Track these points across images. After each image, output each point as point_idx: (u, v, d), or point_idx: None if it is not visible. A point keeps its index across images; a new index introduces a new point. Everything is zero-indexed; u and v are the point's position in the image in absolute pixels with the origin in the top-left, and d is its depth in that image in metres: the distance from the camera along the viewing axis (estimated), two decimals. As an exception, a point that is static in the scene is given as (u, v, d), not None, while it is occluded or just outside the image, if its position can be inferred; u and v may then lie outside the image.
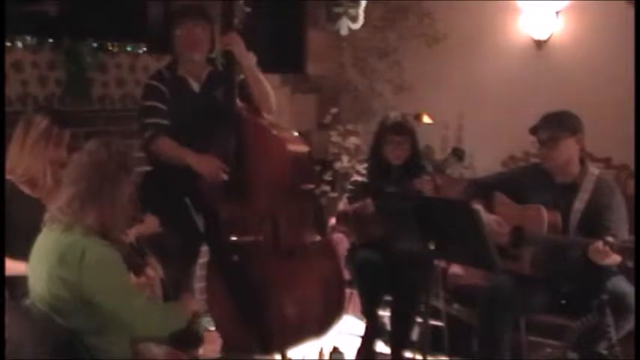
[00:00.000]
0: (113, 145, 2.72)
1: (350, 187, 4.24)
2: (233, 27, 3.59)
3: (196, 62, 3.72)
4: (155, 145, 3.60)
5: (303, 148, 3.71)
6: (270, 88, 3.74)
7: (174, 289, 3.65)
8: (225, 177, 3.52)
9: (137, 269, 2.94)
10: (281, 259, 3.56)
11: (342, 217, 4.18)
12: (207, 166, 3.53)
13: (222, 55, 3.67)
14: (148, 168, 3.76)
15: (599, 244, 3.16)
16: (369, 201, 3.92)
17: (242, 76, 3.67)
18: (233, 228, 3.57)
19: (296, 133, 3.84)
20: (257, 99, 3.68)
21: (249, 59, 3.64)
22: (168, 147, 3.58)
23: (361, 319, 4.18)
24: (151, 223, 3.26)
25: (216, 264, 3.72)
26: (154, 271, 3.05)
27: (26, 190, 3.14)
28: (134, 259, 2.93)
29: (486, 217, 3.47)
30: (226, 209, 3.58)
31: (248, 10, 3.64)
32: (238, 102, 3.64)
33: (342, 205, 4.19)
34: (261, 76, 3.70)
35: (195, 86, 3.72)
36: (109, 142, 2.76)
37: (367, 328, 4.05)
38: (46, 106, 3.71)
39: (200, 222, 3.46)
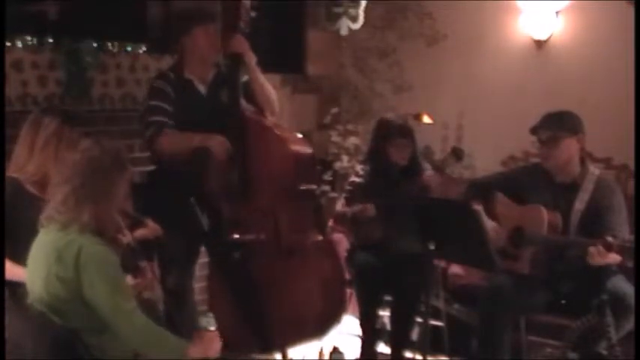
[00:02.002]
0: (106, 143, 2.73)
1: (347, 187, 4.24)
2: (238, 29, 3.59)
3: (208, 64, 3.71)
4: (158, 142, 3.57)
5: (305, 149, 3.71)
6: (272, 90, 3.75)
7: (175, 290, 3.67)
8: (229, 153, 3.50)
9: (135, 270, 2.93)
10: (282, 258, 3.56)
11: (340, 218, 4.18)
12: (215, 141, 3.51)
13: (226, 57, 3.67)
14: (151, 167, 3.77)
15: (596, 248, 3.15)
16: (369, 205, 3.92)
17: (245, 78, 3.66)
18: (235, 226, 3.57)
19: (300, 135, 3.85)
20: (260, 100, 3.69)
21: (252, 61, 3.64)
22: (171, 141, 3.55)
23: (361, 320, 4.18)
24: (154, 228, 3.25)
25: (217, 263, 3.72)
26: (152, 272, 3.05)
27: (35, 190, 3.07)
28: (131, 260, 2.92)
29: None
30: (229, 208, 3.58)
31: (253, 14, 3.64)
32: (243, 102, 3.64)
33: (340, 205, 4.18)
34: (263, 78, 3.70)
35: (202, 88, 3.70)
36: (102, 140, 2.76)
37: (367, 328, 4.04)
38: (54, 106, 3.66)
39: (204, 221, 3.46)
